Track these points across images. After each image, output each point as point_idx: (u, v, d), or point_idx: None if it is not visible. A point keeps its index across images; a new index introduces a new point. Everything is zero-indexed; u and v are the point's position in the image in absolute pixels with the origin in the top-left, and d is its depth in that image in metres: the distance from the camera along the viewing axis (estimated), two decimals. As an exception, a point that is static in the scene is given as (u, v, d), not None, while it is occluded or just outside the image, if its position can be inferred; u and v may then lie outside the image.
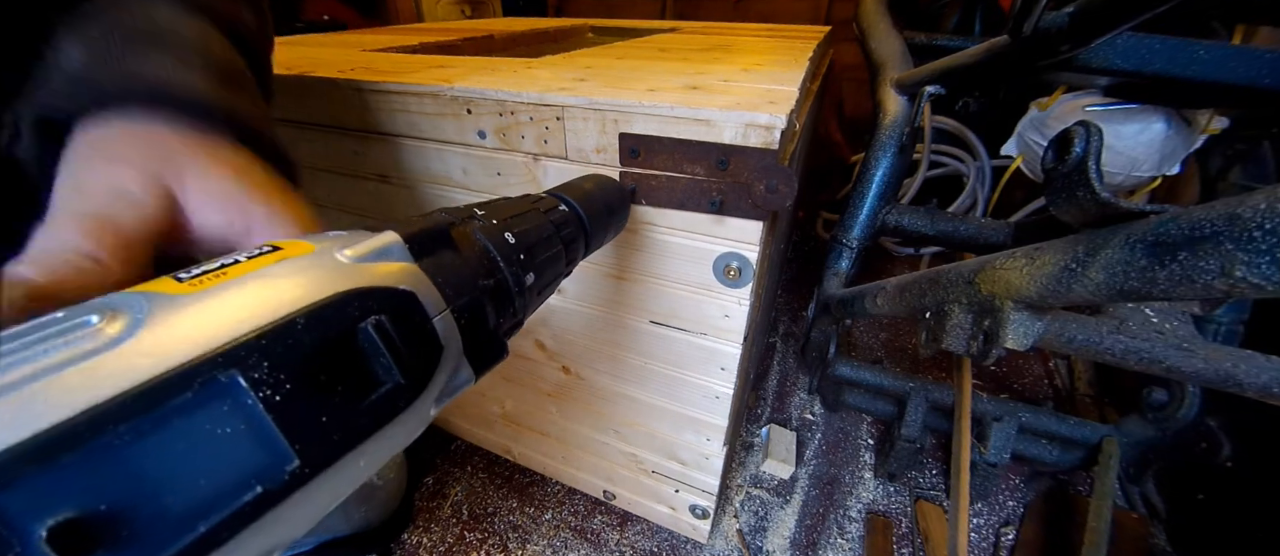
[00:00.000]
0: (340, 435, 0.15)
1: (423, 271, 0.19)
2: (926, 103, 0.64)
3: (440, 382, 0.19)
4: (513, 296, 0.24)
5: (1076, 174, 0.28)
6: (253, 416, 0.13)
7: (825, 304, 0.69)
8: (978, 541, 0.72)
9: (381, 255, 0.19)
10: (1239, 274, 0.21)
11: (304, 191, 0.26)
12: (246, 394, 0.13)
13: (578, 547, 0.70)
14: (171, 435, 0.12)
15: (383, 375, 0.16)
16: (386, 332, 0.16)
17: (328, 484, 0.15)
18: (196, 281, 0.14)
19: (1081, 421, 0.70)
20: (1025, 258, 0.32)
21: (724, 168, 0.37)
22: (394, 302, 0.17)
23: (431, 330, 0.19)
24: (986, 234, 0.64)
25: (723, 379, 0.50)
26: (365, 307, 0.16)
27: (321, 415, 0.14)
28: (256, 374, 0.13)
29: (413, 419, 0.18)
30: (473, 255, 0.23)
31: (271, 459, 0.13)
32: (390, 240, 0.19)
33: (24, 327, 0.12)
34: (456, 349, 0.20)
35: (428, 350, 0.18)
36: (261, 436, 0.13)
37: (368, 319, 0.16)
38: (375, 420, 0.16)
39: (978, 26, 1.20)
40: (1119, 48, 0.53)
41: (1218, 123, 0.76)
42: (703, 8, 2.19)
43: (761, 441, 0.85)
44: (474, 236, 0.24)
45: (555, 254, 0.28)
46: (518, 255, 0.25)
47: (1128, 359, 0.40)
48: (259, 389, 0.13)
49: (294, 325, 0.14)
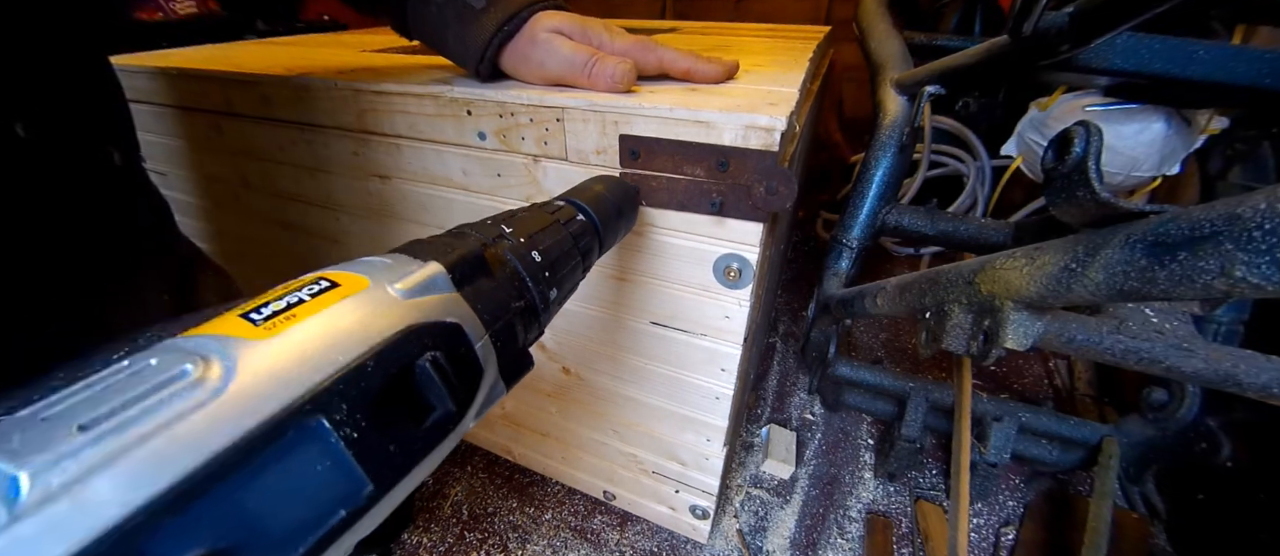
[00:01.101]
0: (403, 459, 0.17)
1: (464, 301, 0.21)
2: (926, 103, 0.64)
3: (480, 400, 0.21)
4: (539, 313, 0.27)
5: (1076, 174, 0.28)
6: (336, 453, 0.15)
7: (825, 304, 0.69)
8: (978, 541, 0.72)
9: (428, 288, 0.20)
10: (1239, 274, 0.21)
11: (300, 191, 0.29)
12: (330, 433, 0.15)
13: (578, 547, 0.70)
14: (275, 474, 0.14)
15: (436, 402, 0.18)
16: (441, 367, 0.18)
17: (392, 499, 0.17)
18: (270, 324, 0.16)
19: (1081, 421, 0.69)
20: (1025, 257, 0.32)
21: (724, 169, 0.37)
22: (444, 337, 0.20)
23: (474, 357, 0.21)
24: (986, 234, 0.64)
25: (723, 379, 0.50)
26: (421, 344, 0.18)
27: (389, 444, 0.16)
28: (337, 416, 0.15)
29: (457, 435, 0.20)
30: (504, 278, 0.25)
31: (351, 486, 0.15)
32: (435, 271, 0.21)
33: (123, 375, 0.13)
34: (494, 369, 0.22)
35: (472, 375, 0.21)
36: (343, 469, 0.15)
37: (424, 355, 0.18)
38: (430, 442, 0.18)
39: (978, 26, 1.20)
40: (1119, 48, 0.53)
41: (1218, 123, 0.76)
42: (703, 8, 2.19)
43: (761, 441, 0.85)
44: (505, 257, 0.26)
45: (574, 265, 0.30)
46: (544, 272, 0.27)
47: (1128, 359, 0.40)
48: (340, 428, 0.15)
49: (365, 368, 0.16)
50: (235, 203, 0.66)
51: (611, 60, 0.40)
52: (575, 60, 0.40)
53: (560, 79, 0.41)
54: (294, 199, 0.60)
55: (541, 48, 0.41)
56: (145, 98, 0.61)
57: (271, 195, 0.62)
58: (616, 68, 0.39)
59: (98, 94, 0.33)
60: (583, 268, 0.32)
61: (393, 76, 0.48)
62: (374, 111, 0.47)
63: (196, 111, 0.59)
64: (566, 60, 0.40)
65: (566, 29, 0.42)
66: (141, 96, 0.62)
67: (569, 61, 0.40)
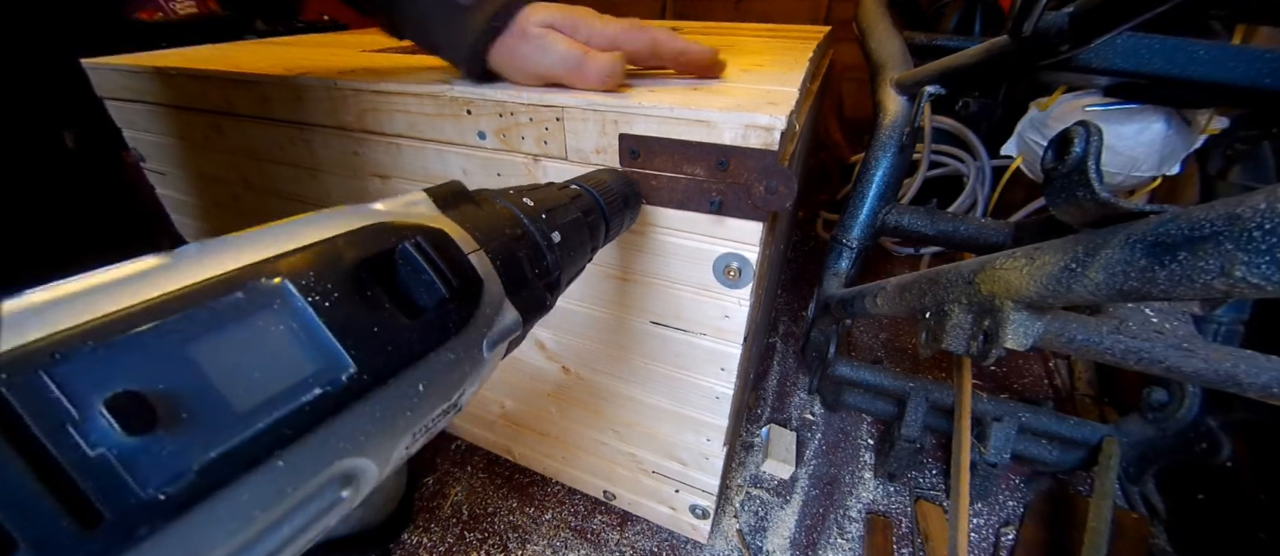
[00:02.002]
0: (394, 347, 0.15)
1: (451, 219, 0.21)
2: (926, 103, 0.64)
3: (488, 319, 0.20)
4: (543, 250, 0.25)
5: (1076, 174, 0.28)
6: (304, 318, 0.14)
7: (825, 304, 0.69)
8: (978, 541, 0.72)
9: (410, 206, 0.20)
10: (1239, 274, 0.21)
11: (300, 192, 0.29)
12: (295, 298, 0.14)
13: (578, 547, 0.70)
14: (226, 332, 0.13)
15: (428, 297, 0.17)
16: (425, 251, 0.17)
17: (390, 402, 0.15)
18: (240, 233, 0.15)
19: (1081, 421, 0.69)
20: (1025, 257, 0.32)
21: (724, 168, 0.37)
22: (429, 235, 0.18)
23: (468, 265, 0.20)
24: (986, 234, 0.64)
25: (723, 379, 0.50)
26: (402, 233, 0.17)
27: (372, 325, 0.15)
28: (303, 281, 0.14)
29: (467, 351, 0.18)
30: (493, 210, 0.24)
31: (328, 363, 0.14)
32: (417, 196, 0.21)
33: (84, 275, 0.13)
34: (497, 289, 0.21)
35: (468, 277, 0.19)
36: (315, 340, 0.14)
37: (406, 240, 0.17)
38: (427, 338, 0.17)
39: (978, 26, 1.20)
40: (1119, 48, 0.53)
41: (1218, 123, 0.76)
42: (703, 8, 2.19)
43: (761, 441, 0.85)
44: (493, 202, 0.25)
45: (575, 221, 0.29)
46: (540, 214, 0.26)
47: (1128, 359, 0.40)
48: (308, 294, 0.14)
49: (334, 243, 0.15)
50: (235, 203, 0.66)
51: (602, 57, 0.39)
52: (568, 58, 0.39)
53: (552, 77, 0.41)
54: (294, 199, 0.60)
55: (532, 44, 0.40)
56: (145, 97, 0.61)
57: (271, 195, 0.62)
58: (605, 64, 0.39)
59: (48, 66, 0.34)
60: (589, 232, 0.31)
61: (392, 76, 0.48)
62: (374, 111, 0.47)
63: (196, 111, 0.59)
64: (558, 58, 0.40)
65: (557, 22, 0.41)
66: (141, 96, 0.62)
67: (561, 58, 0.40)
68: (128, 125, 0.67)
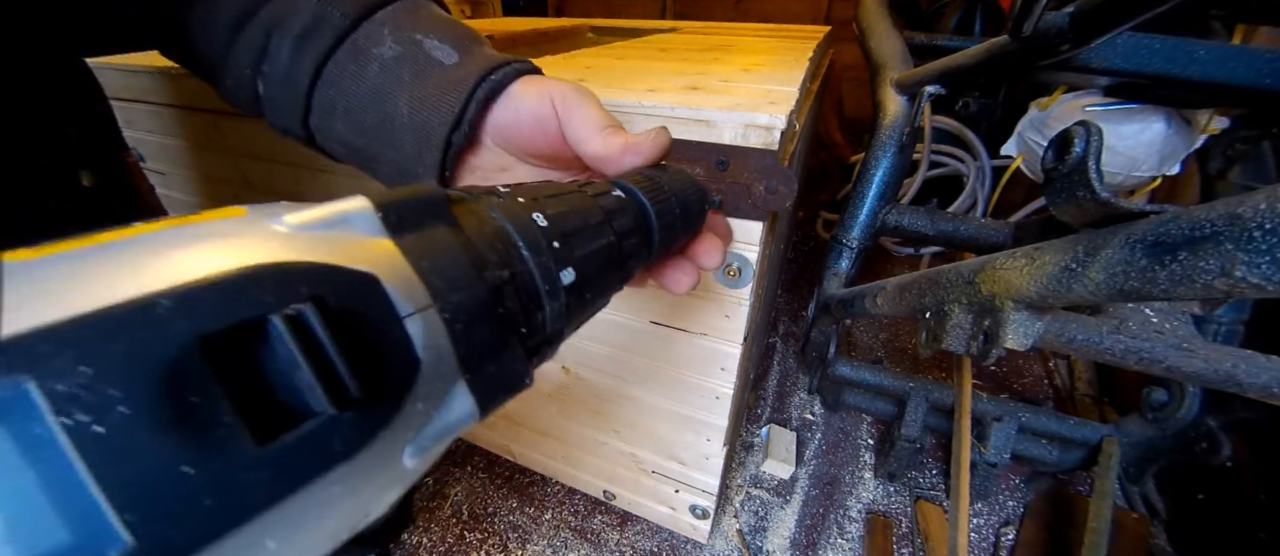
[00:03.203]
0: (217, 499, 0.09)
1: (399, 250, 0.14)
2: (926, 103, 0.64)
3: (417, 418, 0.13)
4: (541, 298, 0.18)
5: (1076, 174, 0.28)
6: (50, 457, 0.08)
7: (825, 304, 0.69)
8: (978, 541, 0.72)
9: (338, 223, 0.13)
10: (1239, 274, 0.21)
11: (300, 192, 0.27)
12: (40, 416, 0.08)
13: (578, 547, 0.70)
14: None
15: (305, 401, 0.11)
16: (307, 332, 0.11)
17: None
18: (62, 245, 0.10)
19: (1081, 421, 0.70)
20: (1025, 257, 0.32)
21: (724, 168, 0.37)
22: (340, 287, 0.12)
23: (401, 336, 0.13)
24: (986, 234, 0.64)
25: (723, 379, 0.50)
26: (285, 292, 0.11)
27: (183, 463, 0.09)
28: (63, 385, 0.08)
29: (367, 477, 0.12)
30: (481, 236, 0.16)
31: (81, 538, 0.08)
32: (356, 206, 0.14)
33: None
34: (448, 368, 0.14)
35: (392, 365, 0.13)
36: (65, 496, 0.08)
37: (285, 308, 0.10)
38: (289, 475, 0.10)
39: (978, 26, 1.20)
40: (1119, 48, 0.53)
41: (1218, 123, 0.76)
42: (703, 8, 2.19)
43: (761, 441, 0.85)
44: (487, 214, 0.17)
45: (605, 248, 0.21)
46: (551, 242, 0.18)
47: (1128, 359, 0.40)
48: (68, 410, 0.08)
49: (151, 309, 0.09)
50: (236, 202, 0.66)
51: None
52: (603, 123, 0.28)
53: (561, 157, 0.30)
54: (294, 199, 0.60)
55: None
56: (145, 97, 0.61)
57: (272, 195, 0.62)
58: None
59: (64, 109, 0.31)
60: (624, 256, 0.22)
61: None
62: (374, 111, 0.47)
63: (196, 111, 0.59)
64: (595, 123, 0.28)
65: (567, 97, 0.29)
66: (141, 96, 0.62)
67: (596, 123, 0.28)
68: (128, 125, 0.67)
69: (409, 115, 0.28)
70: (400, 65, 0.28)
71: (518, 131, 0.29)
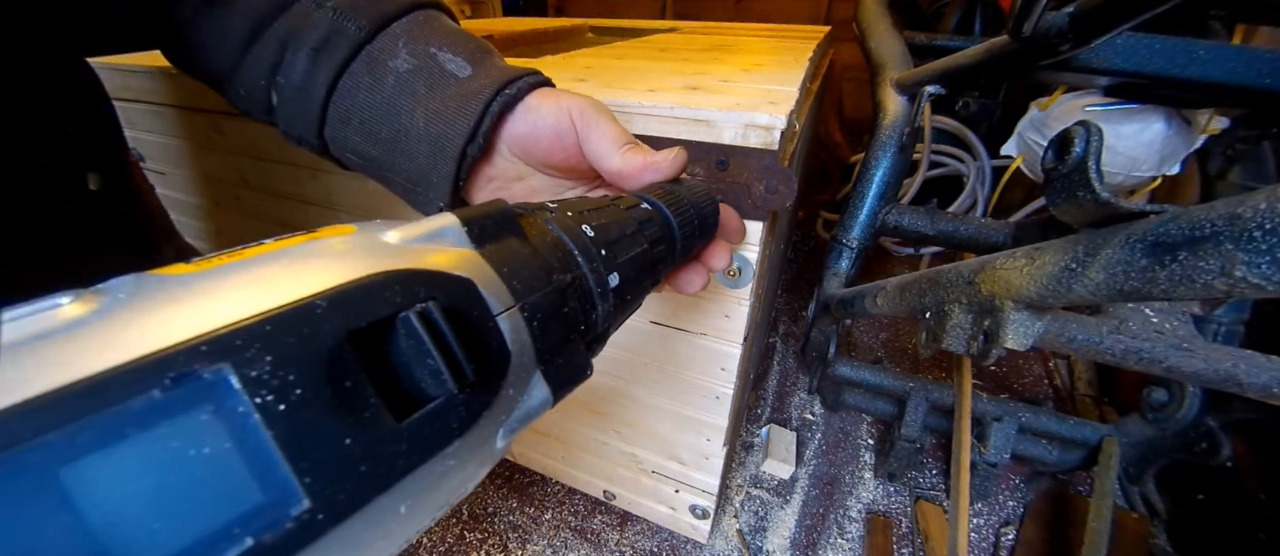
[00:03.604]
0: (370, 466, 0.11)
1: (484, 259, 0.16)
2: (926, 103, 0.64)
3: (509, 403, 0.15)
4: (595, 299, 0.20)
5: (1076, 174, 0.28)
6: (246, 430, 0.09)
7: (825, 304, 0.69)
8: (978, 541, 0.72)
9: (434, 237, 0.15)
10: (1239, 274, 0.21)
11: (300, 192, 0.27)
12: (238, 397, 0.09)
13: (578, 547, 0.70)
14: (126, 452, 0.08)
15: (430, 386, 0.13)
16: (434, 325, 0.12)
17: (351, 539, 0.11)
18: (203, 262, 0.11)
19: (1081, 421, 0.70)
20: (1025, 257, 0.32)
21: (724, 168, 0.37)
22: (449, 291, 0.14)
23: (495, 331, 0.15)
24: (986, 234, 0.64)
25: (723, 379, 0.50)
26: (410, 294, 0.13)
27: (344, 436, 0.11)
28: (254, 371, 0.10)
29: (473, 451, 0.14)
30: (544, 245, 0.19)
31: (270, 497, 0.10)
32: (446, 222, 0.16)
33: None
34: (529, 359, 0.16)
35: (491, 356, 0.15)
36: (258, 462, 0.10)
37: (413, 307, 0.12)
38: (420, 448, 0.12)
39: (978, 26, 1.20)
40: (1119, 48, 0.53)
41: (1218, 123, 0.76)
42: (703, 8, 2.19)
43: (761, 441, 0.85)
44: (545, 226, 0.20)
45: (640, 255, 0.23)
46: (599, 250, 0.21)
47: (1128, 359, 0.40)
48: (257, 391, 0.10)
49: (312, 310, 0.11)
50: (235, 202, 0.66)
51: None
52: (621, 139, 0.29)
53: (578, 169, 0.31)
54: (294, 198, 0.60)
55: None
56: (145, 98, 0.61)
57: (271, 195, 0.62)
58: None
59: (72, 111, 0.31)
60: (653, 262, 0.25)
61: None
62: (374, 111, 0.47)
63: (196, 111, 0.59)
64: None
65: None
66: (141, 96, 0.62)
67: None
68: (128, 125, 0.67)
69: (425, 127, 0.28)
70: (415, 78, 0.28)
71: (536, 144, 0.29)
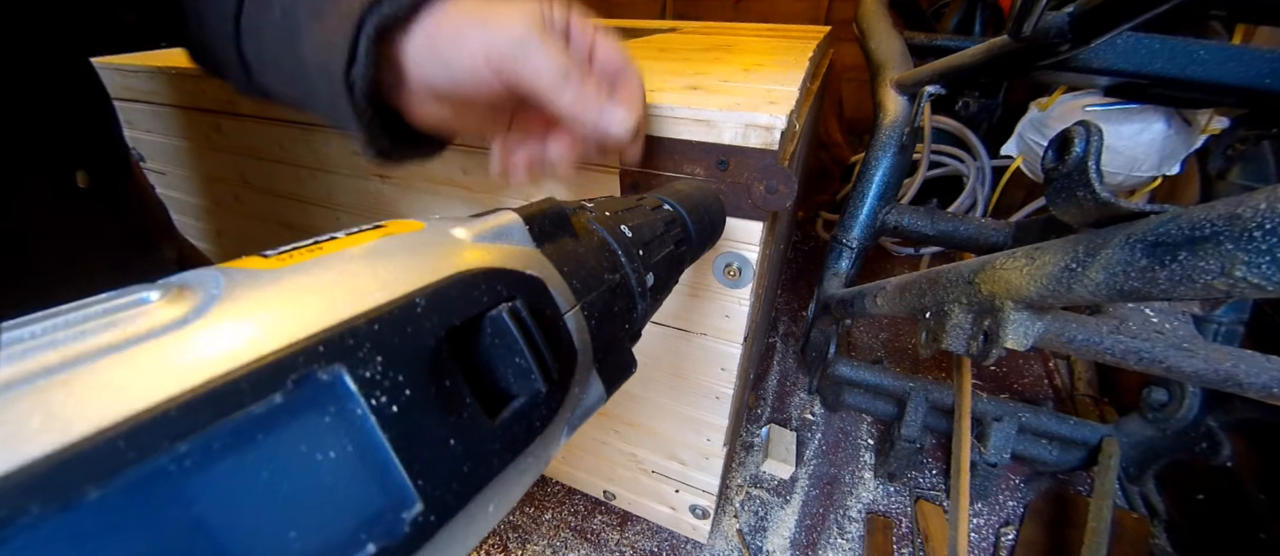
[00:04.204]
0: (471, 466, 0.11)
1: (547, 258, 0.16)
2: (926, 103, 0.64)
3: (574, 401, 0.15)
4: (636, 298, 0.21)
5: (1077, 174, 0.28)
6: (363, 432, 0.09)
7: (825, 304, 0.69)
8: (978, 541, 0.72)
9: (502, 235, 0.15)
10: (1239, 274, 0.21)
11: (300, 191, 0.27)
12: (356, 400, 0.09)
13: (578, 547, 0.70)
14: (250, 460, 0.08)
15: (516, 383, 0.13)
16: (524, 323, 0.12)
17: (448, 540, 0.11)
18: (287, 256, 0.11)
19: (1081, 421, 0.70)
20: (1025, 257, 0.32)
21: (724, 168, 0.37)
22: (527, 291, 0.14)
23: (565, 330, 0.15)
24: (986, 234, 0.64)
25: (723, 379, 0.50)
26: (494, 292, 0.12)
27: (449, 437, 0.11)
28: (368, 372, 0.09)
29: (545, 448, 0.14)
30: (592, 245, 0.19)
31: (388, 500, 0.09)
32: (510, 219, 0.16)
33: (61, 309, 0.09)
34: (588, 358, 0.16)
35: (563, 352, 0.15)
36: (374, 463, 0.09)
37: (501, 305, 0.12)
38: (511, 446, 0.12)
39: (978, 26, 1.20)
40: (1119, 48, 0.53)
41: (1218, 123, 0.76)
42: (703, 8, 2.19)
43: (761, 441, 0.85)
44: (590, 226, 0.20)
45: (667, 255, 0.24)
46: (637, 250, 0.21)
47: (1128, 359, 0.40)
48: (372, 393, 0.09)
49: (412, 307, 0.11)
50: (235, 202, 0.66)
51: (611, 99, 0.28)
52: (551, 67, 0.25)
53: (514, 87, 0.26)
54: (294, 198, 0.60)
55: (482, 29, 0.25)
56: (145, 97, 0.61)
57: (272, 195, 0.62)
58: (623, 115, 0.27)
59: (63, 108, 0.31)
60: (677, 265, 0.25)
61: (393, 76, 0.48)
62: (374, 111, 0.47)
63: (196, 111, 0.59)
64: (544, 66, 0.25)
65: None
66: (141, 96, 0.62)
67: (548, 68, 0.25)
68: (128, 125, 0.67)
69: (312, 57, 0.26)
70: (297, 7, 0.26)
71: (456, 91, 0.26)
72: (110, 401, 0.07)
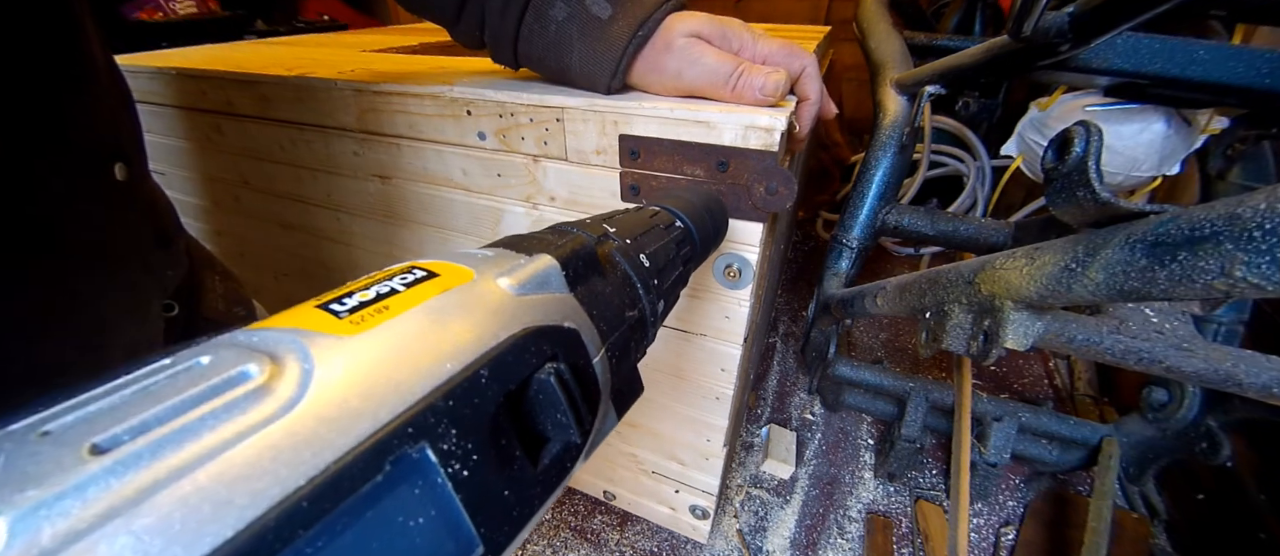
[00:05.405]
0: (519, 510, 0.13)
1: (580, 304, 0.18)
2: (926, 103, 0.64)
3: (596, 434, 0.17)
4: (649, 327, 0.22)
5: (1076, 174, 0.28)
6: (442, 498, 0.11)
7: (825, 304, 0.69)
8: (978, 541, 0.72)
9: (542, 284, 0.17)
10: (1239, 274, 0.21)
11: (300, 191, 0.27)
12: (437, 471, 0.11)
13: (578, 547, 0.70)
14: (361, 530, 0.10)
15: (554, 431, 0.14)
16: (567, 384, 0.14)
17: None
18: (357, 317, 0.12)
19: (1081, 421, 0.70)
20: (1025, 257, 0.32)
21: (724, 169, 0.37)
22: (565, 346, 0.15)
23: (593, 374, 0.17)
24: (986, 234, 0.64)
25: (723, 379, 0.50)
26: (541, 353, 0.14)
27: (504, 487, 0.13)
28: (446, 445, 0.11)
29: (567, 480, 0.16)
30: (617, 282, 0.21)
31: (458, 548, 0.11)
32: (548, 265, 0.17)
33: (162, 377, 0.10)
34: (607, 392, 0.18)
35: (591, 397, 0.16)
36: (450, 522, 0.11)
37: (545, 368, 0.14)
38: (548, 487, 0.14)
39: (978, 26, 1.20)
40: (1119, 48, 0.53)
41: (1218, 123, 0.76)
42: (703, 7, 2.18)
43: (761, 441, 0.85)
44: (615, 259, 0.22)
45: (678, 277, 0.26)
46: (653, 281, 0.23)
47: (1128, 359, 0.40)
48: (448, 463, 0.11)
49: (478, 380, 0.12)
50: (235, 203, 0.66)
51: (760, 71, 0.36)
52: (719, 70, 0.36)
53: (699, 90, 0.38)
54: (294, 199, 0.60)
55: (678, 56, 0.37)
56: (145, 98, 0.61)
57: (272, 195, 0.62)
58: (767, 80, 0.35)
59: (104, 102, 0.32)
60: (684, 279, 0.27)
61: (393, 77, 0.48)
62: (374, 111, 0.47)
63: (197, 111, 0.59)
64: (709, 70, 0.36)
65: (705, 32, 0.38)
66: (141, 96, 0.62)
67: (712, 71, 0.36)
68: (128, 125, 0.67)
69: (579, 67, 0.38)
70: (570, 24, 0.37)
71: None
72: (257, 489, 0.09)
